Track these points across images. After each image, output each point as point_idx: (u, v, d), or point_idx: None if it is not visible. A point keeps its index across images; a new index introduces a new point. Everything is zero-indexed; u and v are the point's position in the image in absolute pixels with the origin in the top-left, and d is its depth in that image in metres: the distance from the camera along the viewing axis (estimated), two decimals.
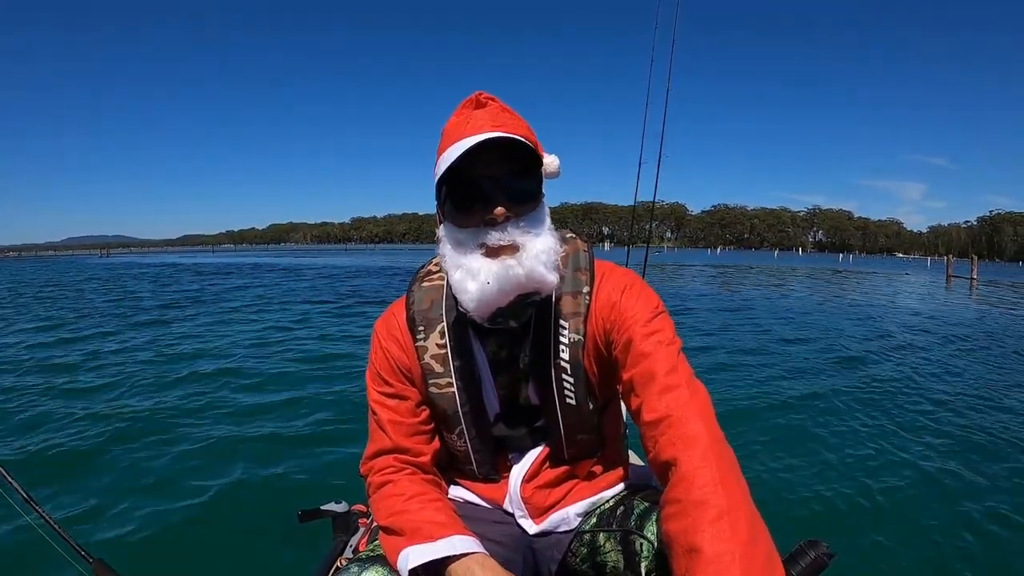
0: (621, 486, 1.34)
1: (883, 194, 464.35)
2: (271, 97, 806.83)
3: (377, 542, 1.19)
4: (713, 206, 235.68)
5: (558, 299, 1.21)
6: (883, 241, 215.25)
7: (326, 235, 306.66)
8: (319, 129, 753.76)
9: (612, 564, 1.19)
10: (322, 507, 1.73)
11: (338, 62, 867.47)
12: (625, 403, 1.16)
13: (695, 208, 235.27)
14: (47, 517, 1.84)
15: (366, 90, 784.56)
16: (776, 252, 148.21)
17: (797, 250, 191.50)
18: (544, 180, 1.21)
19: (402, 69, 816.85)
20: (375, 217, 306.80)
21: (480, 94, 1.18)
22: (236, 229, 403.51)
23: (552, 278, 1.14)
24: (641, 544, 1.13)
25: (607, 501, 1.31)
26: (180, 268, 36.78)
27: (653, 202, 3.52)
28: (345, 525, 1.70)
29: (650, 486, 1.34)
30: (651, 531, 1.13)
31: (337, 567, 1.47)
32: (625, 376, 1.12)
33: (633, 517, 1.19)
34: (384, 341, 1.28)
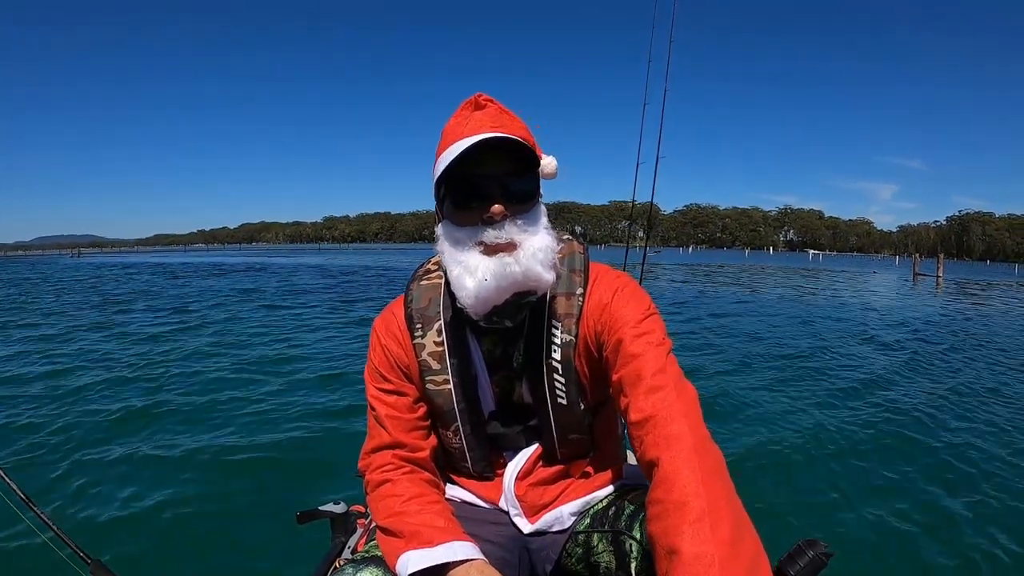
0: (614, 486, 1.35)
1: (854, 195, 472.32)
2: (242, 95, 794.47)
3: (374, 542, 1.21)
4: (685, 206, 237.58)
5: (552, 299, 1.24)
6: (853, 240, 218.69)
7: (298, 234, 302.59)
8: (291, 128, 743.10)
9: (605, 565, 1.21)
10: (320, 508, 1.75)
11: (310, 60, 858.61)
12: (615, 403, 1.18)
13: (667, 208, 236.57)
14: (45, 518, 1.85)
15: (339, 88, 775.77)
16: (747, 251, 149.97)
17: (768, 249, 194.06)
18: (542, 180, 1.28)
19: (374, 67, 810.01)
20: (347, 216, 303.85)
21: (480, 96, 1.23)
22: (208, 228, 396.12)
23: (548, 276, 1.18)
24: (631, 545, 1.16)
25: (600, 501, 1.32)
26: (164, 268, 36.11)
27: (651, 203, 3.62)
28: (343, 526, 1.72)
29: (643, 486, 1.33)
30: (640, 532, 1.16)
31: (335, 568, 1.48)
32: (615, 377, 1.14)
33: (623, 517, 1.21)
34: (383, 338, 1.31)
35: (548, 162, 1.28)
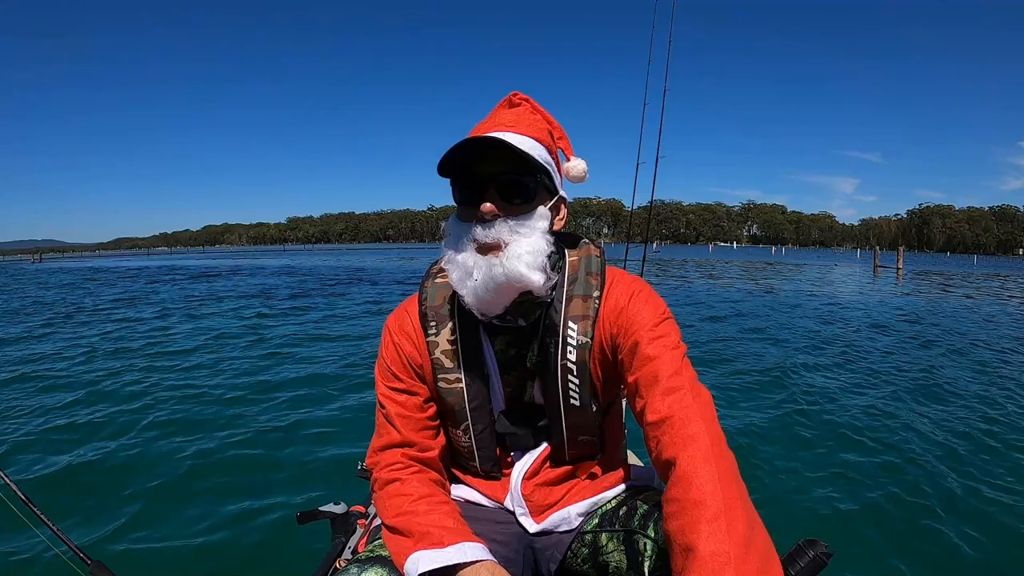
0: (622, 487, 1.37)
1: (816, 189, 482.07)
2: (203, 95, 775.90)
3: (377, 542, 1.24)
4: (648, 202, 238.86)
5: (568, 301, 1.25)
6: (816, 234, 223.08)
7: (262, 236, 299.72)
8: (253, 126, 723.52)
9: (615, 564, 1.24)
10: (320, 508, 1.77)
11: (272, 57, 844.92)
12: (630, 404, 1.20)
13: (631, 204, 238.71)
14: (45, 519, 1.86)
15: (302, 86, 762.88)
16: (711, 246, 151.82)
17: (732, 243, 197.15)
18: (564, 182, 1.32)
19: (333, 67, 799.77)
20: (311, 217, 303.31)
21: (515, 95, 1.28)
22: (170, 231, 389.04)
23: (535, 278, 1.16)
24: (645, 544, 1.18)
25: (608, 502, 1.35)
26: (151, 271, 35.26)
27: (651, 202, 3.70)
28: (344, 526, 1.74)
29: (651, 487, 1.38)
30: (655, 531, 1.18)
31: (336, 568, 1.51)
32: (630, 378, 1.16)
33: (637, 517, 1.24)
34: (396, 337, 1.32)
35: (573, 165, 1.32)
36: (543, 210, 1.22)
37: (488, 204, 1.15)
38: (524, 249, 1.15)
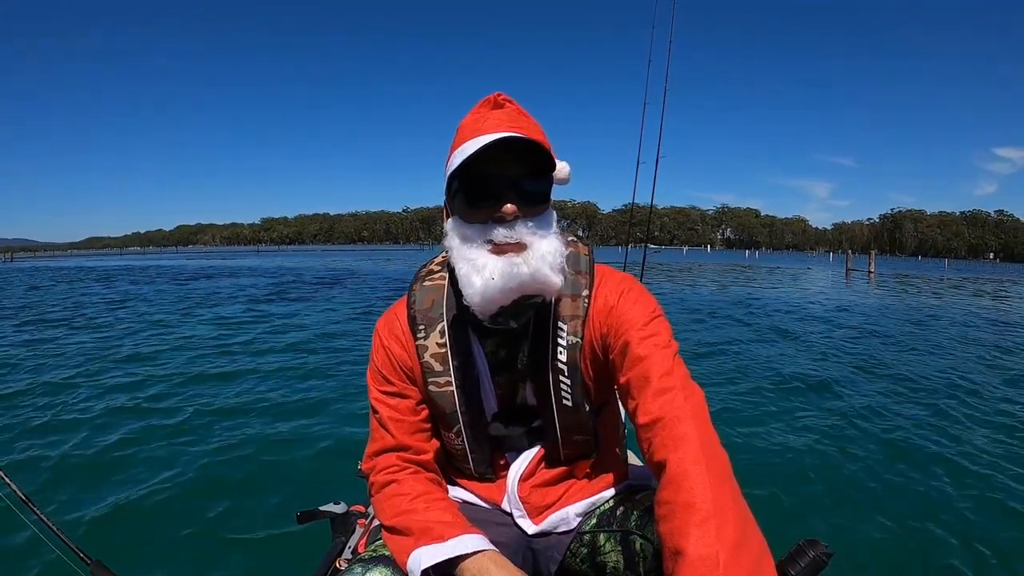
0: (621, 487, 1.38)
1: (790, 193, 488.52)
2: (175, 93, 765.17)
3: (379, 542, 1.24)
4: (624, 205, 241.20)
5: (557, 301, 1.25)
6: (789, 238, 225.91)
7: (236, 236, 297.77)
8: (227, 127, 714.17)
9: (612, 564, 1.25)
10: (320, 508, 1.77)
11: (245, 57, 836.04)
12: (623, 405, 1.21)
13: (606, 207, 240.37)
14: (45, 519, 1.87)
15: (277, 86, 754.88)
16: (685, 249, 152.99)
17: (706, 247, 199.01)
18: (553, 185, 1.30)
19: (300, 65, 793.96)
20: (286, 218, 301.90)
21: (499, 95, 1.26)
22: (143, 231, 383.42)
23: (556, 280, 1.17)
24: (641, 544, 1.20)
25: (607, 501, 1.36)
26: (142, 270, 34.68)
27: (652, 203, 3.74)
28: (344, 526, 1.74)
29: (650, 487, 1.37)
30: (651, 532, 1.19)
31: (336, 568, 1.52)
32: (622, 379, 1.16)
33: (633, 517, 1.25)
34: (386, 340, 1.33)
35: (561, 167, 1.31)
36: (552, 211, 1.25)
37: (510, 205, 1.14)
38: (546, 250, 1.16)
